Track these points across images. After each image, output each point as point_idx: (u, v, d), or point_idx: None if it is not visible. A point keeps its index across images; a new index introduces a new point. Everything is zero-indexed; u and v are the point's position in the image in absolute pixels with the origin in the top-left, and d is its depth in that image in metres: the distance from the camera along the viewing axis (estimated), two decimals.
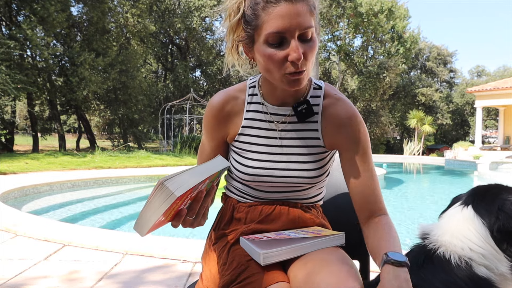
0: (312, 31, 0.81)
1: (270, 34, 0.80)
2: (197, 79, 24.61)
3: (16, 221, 3.60)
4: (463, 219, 0.93)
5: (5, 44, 10.73)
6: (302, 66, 0.82)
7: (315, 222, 1.03)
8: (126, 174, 8.23)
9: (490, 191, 0.95)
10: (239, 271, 0.87)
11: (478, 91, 18.66)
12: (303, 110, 0.93)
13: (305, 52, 0.81)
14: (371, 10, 20.38)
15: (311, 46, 0.82)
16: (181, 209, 0.78)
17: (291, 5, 0.78)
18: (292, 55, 0.80)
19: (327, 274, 0.79)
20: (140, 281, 2.25)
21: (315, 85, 0.98)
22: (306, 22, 0.79)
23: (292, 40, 0.80)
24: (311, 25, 0.80)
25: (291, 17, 0.78)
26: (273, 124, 0.96)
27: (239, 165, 0.99)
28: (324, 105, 0.95)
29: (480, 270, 0.86)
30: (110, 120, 19.50)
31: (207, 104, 1.01)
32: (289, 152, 0.96)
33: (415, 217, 5.71)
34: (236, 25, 0.87)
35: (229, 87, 1.03)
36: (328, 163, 0.99)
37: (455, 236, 0.90)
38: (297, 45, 0.79)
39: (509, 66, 37.03)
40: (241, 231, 0.99)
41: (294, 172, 0.96)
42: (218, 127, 1.00)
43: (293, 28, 0.78)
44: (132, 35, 18.11)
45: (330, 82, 24.79)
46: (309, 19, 0.80)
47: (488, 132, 34.00)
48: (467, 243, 0.89)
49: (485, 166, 14.17)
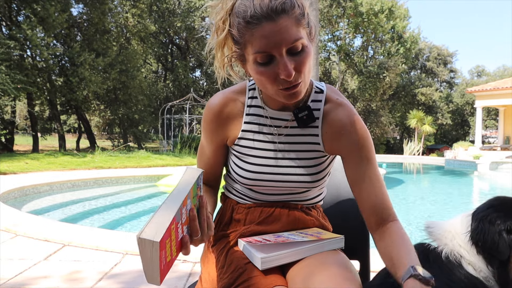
0: (302, 41, 0.77)
1: (257, 55, 0.78)
2: (197, 79, 24.63)
3: (16, 221, 3.60)
4: (461, 218, 0.98)
5: (5, 44, 10.73)
6: (296, 79, 0.80)
7: (315, 223, 1.02)
8: (126, 174, 8.23)
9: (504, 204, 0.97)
10: (237, 274, 0.87)
11: (478, 91, 18.66)
12: (304, 117, 0.92)
13: (297, 66, 0.79)
14: (371, 10, 20.38)
15: (303, 57, 0.79)
16: (183, 237, 0.74)
17: (273, 23, 0.74)
18: (282, 74, 0.78)
19: (325, 277, 0.79)
20: (140, 281, 2.25)
21: (317, 89, 0.95)
22: (292, 36, 0.76)
23: (280, 58, 0.77)
24: (298, 37, 0.77)
25: (275, 35, 0.75)
26: (273, 128, 0.95)
27: (239, 169, 0.98)
28: (325, 110, 0.93)
29: (469, 269, 0.90)
30: (110, 120, 19.51)
31: (205, 107, 0.99)
32: (289, 157, 0.95)
33: (415, 217, 5.71)
34: (224, 40, 0.85)
35: (229, 87, 1.01)
36: (328, 167, 0.99)
37: (448, 230, 0.96)
38: (285, 62, 0.77)
39: (509, 66, 37.07)
40: (240, 233, 0.98)
41: (294, 177, 0.95)
42: (217, 131, 0.98)
43: (278, 45, 0.76)
44: (132, 35, 18.12)
45: (330, 82, 24.79)
46: (296, 31, 0.76)
47: (488, 132, 34.00)
48: (456, 238, 0.94)
49: (485, 166, 14.17)
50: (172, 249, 0.71)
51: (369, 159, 0.91)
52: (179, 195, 0.73)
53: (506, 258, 0.88)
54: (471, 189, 10.27)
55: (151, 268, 0.67)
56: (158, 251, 0.65)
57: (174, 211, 0.69)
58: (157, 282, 0.69)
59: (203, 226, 0.79)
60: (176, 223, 0.71)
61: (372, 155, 0.92)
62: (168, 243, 0.69)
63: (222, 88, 0.99)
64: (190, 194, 0.76)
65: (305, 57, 0.79)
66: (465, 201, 7.84)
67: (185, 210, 0.74)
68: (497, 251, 0.88)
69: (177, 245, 0.74)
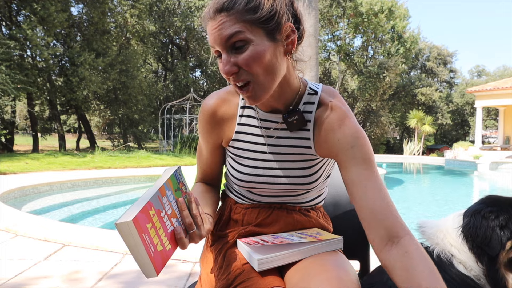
0: (242, 37, 0.75)
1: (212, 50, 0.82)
2: (197, 79, 24.62)
3: (16, 221, 3.60)
4: (453, 216, 0.99)
5: (5, 44, 10.73)
6: (240, 76, 0.78)
7: (315, 224, 1.02)
8: (126, 174, 8.23)
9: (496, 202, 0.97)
10: (234, 275, 0.87)
11: (478, 91, 18.66)
12: (294, 121, 0.88)
13: (240, 63, 0.77)
14: (371, 10, 20.37)
15: (246, 54, 0.76)
16: (175, 228, 0.76)
17: (213, 21, 0.78)
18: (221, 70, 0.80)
19: (322, 279, 0.78)
20: (140, 281, 2.25)
21: (310, 90, 0.91)
22: (227, 31, 0.76)
23: (222, 54, 0.79)
24: (234, 32, 0.75)
25: (214, 31, 0.77)
26: (264, 131, 0.94)
27: (233, 170, 0.98)
28: (318, 113, 0.89)
29: (460, 268, 0.90)
30: (110, 120, 19.52)
31: (200, 108, 0.99)
32: (280, 159, 0.94)
33: (415, 217, 5.71)
34: None
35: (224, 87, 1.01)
36: (322, 168, 0.96)
37: (440, 230, 0.96)
38: (226, 58, 0.78)
39: (509, 66, 37.06)
40: (238, 233, 0.98)
41: (286, 179, 0.94)
42: (212, 132, 0.98)
43: (217, 42, 0.78)
44: (132, 35, 18.12)
45: (330, 82, 24.78)
46: (232, 27, 0.75)
47: (488, 132, 33.99)
48: (447, 237, 0.94)
49: (485, 166, 14.17)
50: (161, 239, 0.72)
51: (365, 158, 0.82)
52: (154, 187, 0.75)
53: (496, 254, 0.87)
54: (471, 189, 10.26)
55: (138, 255, 0.67)
56: (136, 232, 0.65)
57: (149, 196, 0.71)
58: (153, 273, 0.69)
59: (197, 221, 0.80)
60: (158, 210, 0.72)
61: (368, 155, 0.83)
62: (151, 229, 0.69)
63: (223, 87, 0.99)
64: (169, 186, 0.77)
65: (249, 55, 0.76)
66: (465, 201, 7.84)
67: (166, 200, 0.75)
68: (488, 246, 0.87)
69: (170, 237, 0.75)
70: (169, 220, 0.75)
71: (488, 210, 0.91)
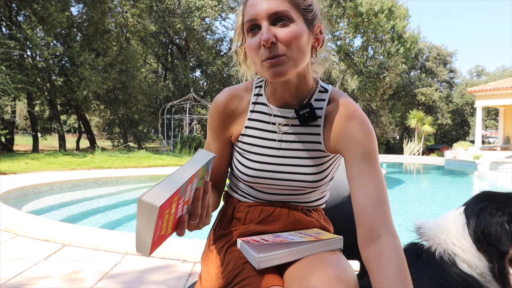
0: (288, 15, 0.81)
1: (245, 24, 0.84)
2: (197, 79, 24.60)
3: (16, 221, 3.60)
4: (453, 216, 0.99)
5: (5, 44, 10.73)
6: (276, 50, 0.80)
7: (315, 225, 1.02)
8: (126, 174, 8.23)
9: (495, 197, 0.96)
10: (234, 274, 0.87)
11: (478, 91, 18.66)
12: (305, 114, 0.91)
13: (280, 36, 0.80)
14: (371, 10, 20.37)
15: (288, 30, 0.81)
16: (182, 216, 0.73)
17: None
18: (261, 38, 0.80)
19: (321, 278, 0.78)
20: (140, 281, 2.25)
21: (321, 88, 0.95)
22: (276, 6, 0.80)
23: (263, 25, 0.81)
24: (282, 9, 0.80)
25: (261, 3, 0.81)
26: (275, 126, 0.96)
27: (240, 165, 0.98)
28: (329, 109, 0.93)
29: (463, 266, 0.90)
30: (110, 120, 19.52)
31: (212, 102, 1.00)
32: (290, 155, 0.95)
33: (415, 218, 5.70)
34: (238, 31, 0.93)
35: (230, 86, 1.02)
36: (330, 168, 0.97)
37: (441, 230, 0.96)
38: (267, 27, 0.80)
39: (509, 66, 37.08)
40: (240, 232, 0.98)
41: (294, 176, 0.95)
42: (224, 127, 0.99)
43: (262, 13, 0.80)
44: (132, 35, 18.11)
45: (330, 82, 24.78)
46: (281, 4, 0.80)
47: (488, 132, 34.00)
48: (449, 237, 0.94)
49: (485, 166, 14.17)
50: (168, 224, 0.70)
51: (368, 153, 0.85)
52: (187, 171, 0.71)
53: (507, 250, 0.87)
54: (471, 189, 10.27)
55: (144, 234, 0.65)
56: (155, 217, 0.63)
57: (180, 183, 0.68)
58: (146, 253, 0.68)
59: (203, 212, 0.79)
60: (179, 197, 0.69)
61: (372, 151, 0.85)
62: (167, 215, 0.67)
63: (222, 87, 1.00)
64: (198, 174, 0.74)
65: (291, 31, 0.81)
66: (465, 201, 7.83)
67: (190, 188, 0.72)
68: (500, 243, 0.87)
69: (174, 222, 0.72)
70: (182, 206, 0.73)
71: (493, 207, 0.91)
